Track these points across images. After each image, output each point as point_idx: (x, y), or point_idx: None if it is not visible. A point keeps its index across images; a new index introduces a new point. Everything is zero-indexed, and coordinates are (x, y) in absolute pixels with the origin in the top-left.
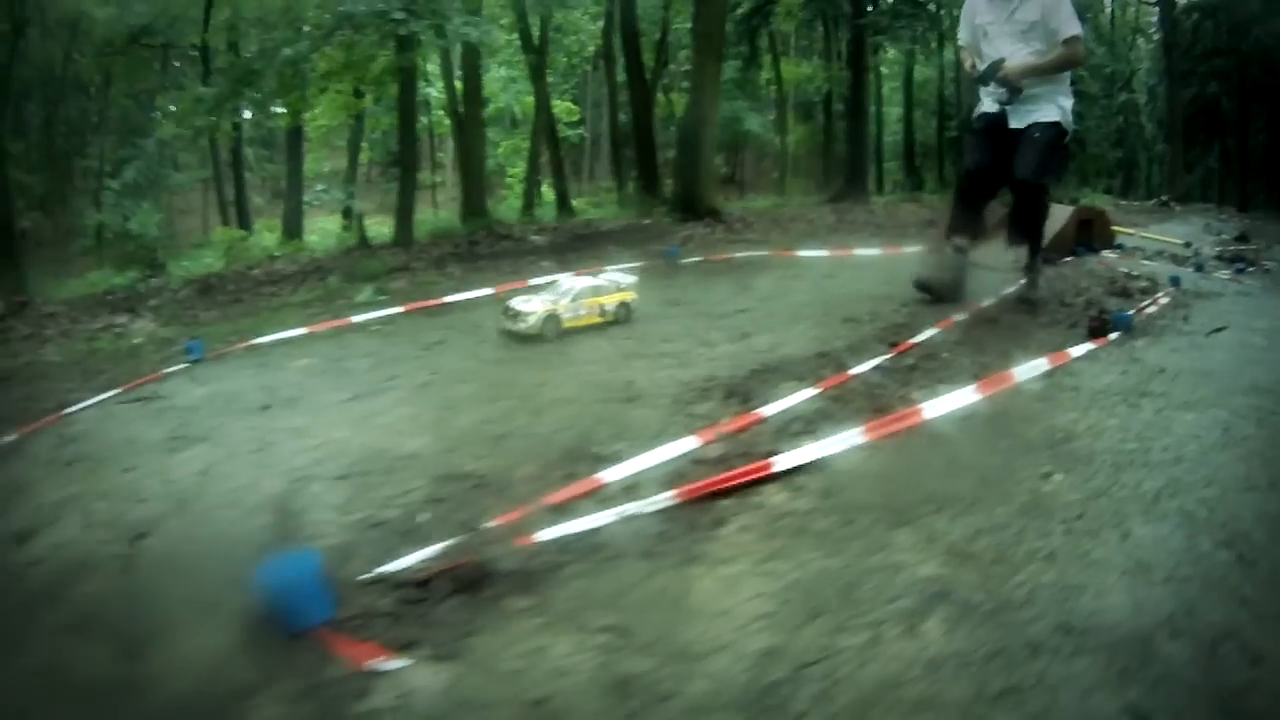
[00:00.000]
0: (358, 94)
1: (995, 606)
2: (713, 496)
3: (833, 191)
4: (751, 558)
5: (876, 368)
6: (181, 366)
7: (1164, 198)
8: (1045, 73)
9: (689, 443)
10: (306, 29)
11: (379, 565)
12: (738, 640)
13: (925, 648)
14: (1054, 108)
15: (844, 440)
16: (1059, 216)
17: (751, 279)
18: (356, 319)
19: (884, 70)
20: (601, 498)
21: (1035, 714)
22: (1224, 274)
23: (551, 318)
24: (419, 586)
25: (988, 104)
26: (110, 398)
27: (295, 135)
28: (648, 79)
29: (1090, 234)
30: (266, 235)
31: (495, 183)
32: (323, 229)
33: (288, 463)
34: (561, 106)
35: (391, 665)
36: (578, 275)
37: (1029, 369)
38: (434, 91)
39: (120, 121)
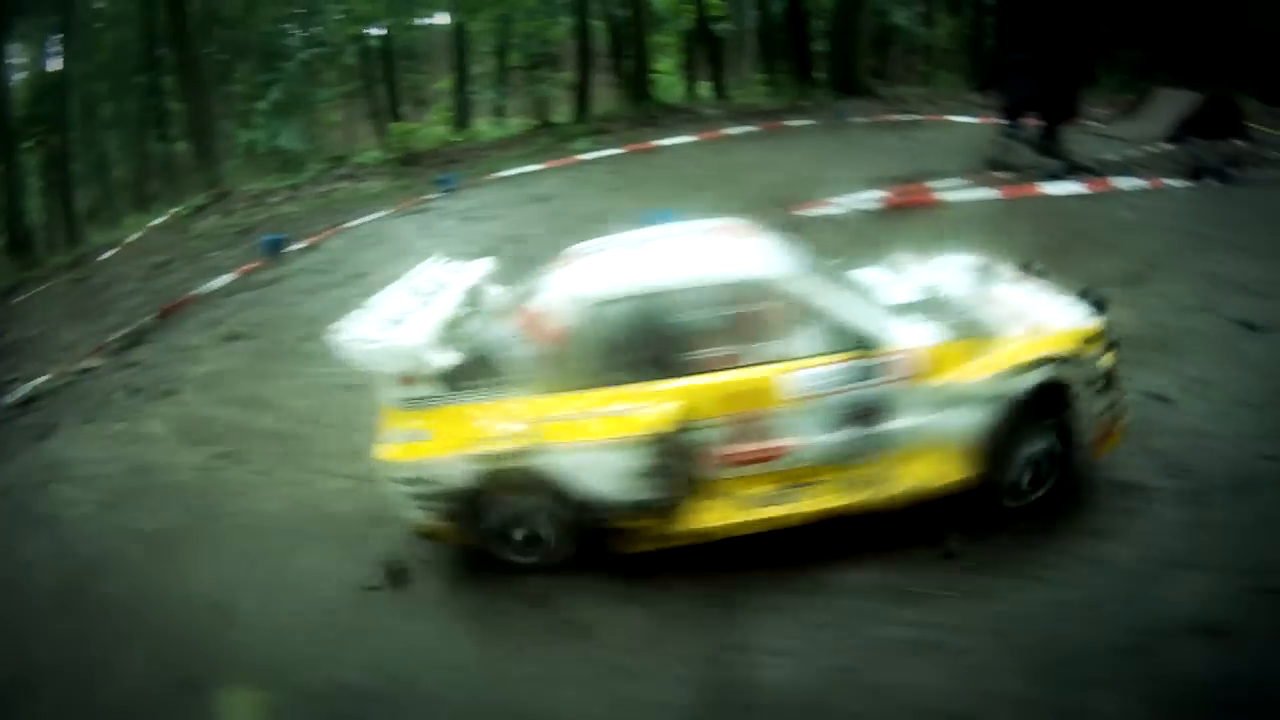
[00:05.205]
0: None
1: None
2: None
3: (982, 81)
4: None
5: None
6: (439, 195)
7: None
8: None
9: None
10: None
11: None
12: None
13: None
14: None
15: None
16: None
17: (911, 131)
18: (583, 157)
19: None
20: None
21: None
22: None
23: None
24: None
25: None
26: (386, 215)
27: (459, 35)
28: None
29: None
30: (438, 129)
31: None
32: (480, 127)
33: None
34: (710, 2)
35: None
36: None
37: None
38: None
39: (262, 47)
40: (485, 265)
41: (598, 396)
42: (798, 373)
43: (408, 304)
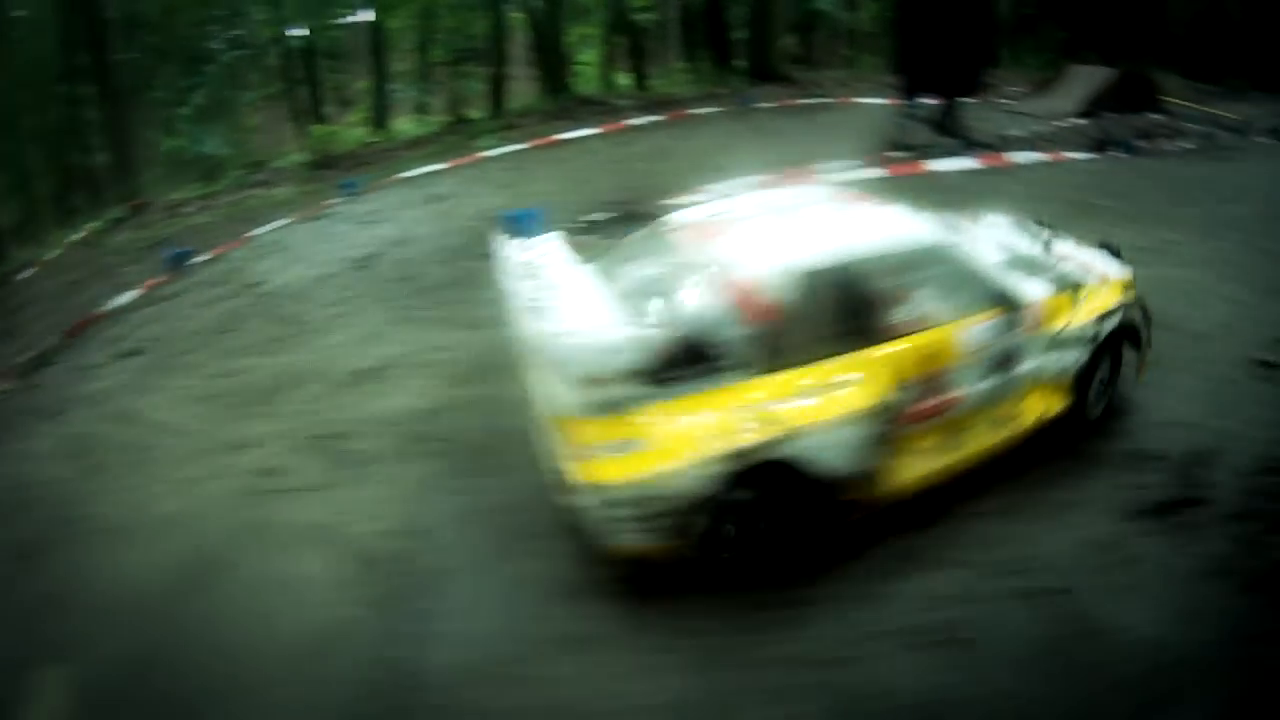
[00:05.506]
0: None
1: None
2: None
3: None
4: None
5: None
6: (342, 200)
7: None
8: None
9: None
10: None
11: None
12: None
13: None
14: None
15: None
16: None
17: (817, 115)
18: (486, 154)
19: None
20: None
21: None
22: (1266, 140)
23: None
24: None
25: None
26: (289, 223)
27: (376, 31)
28: None
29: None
30: (357, 130)
31: (566, 70)
32: (401, 126)
33: (485, 208)
34: None
35: None
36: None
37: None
38: None
39: (184, 51)
40: (554, 241)
41: (818, 370)
42: (967, 330)
43: (541, 293)
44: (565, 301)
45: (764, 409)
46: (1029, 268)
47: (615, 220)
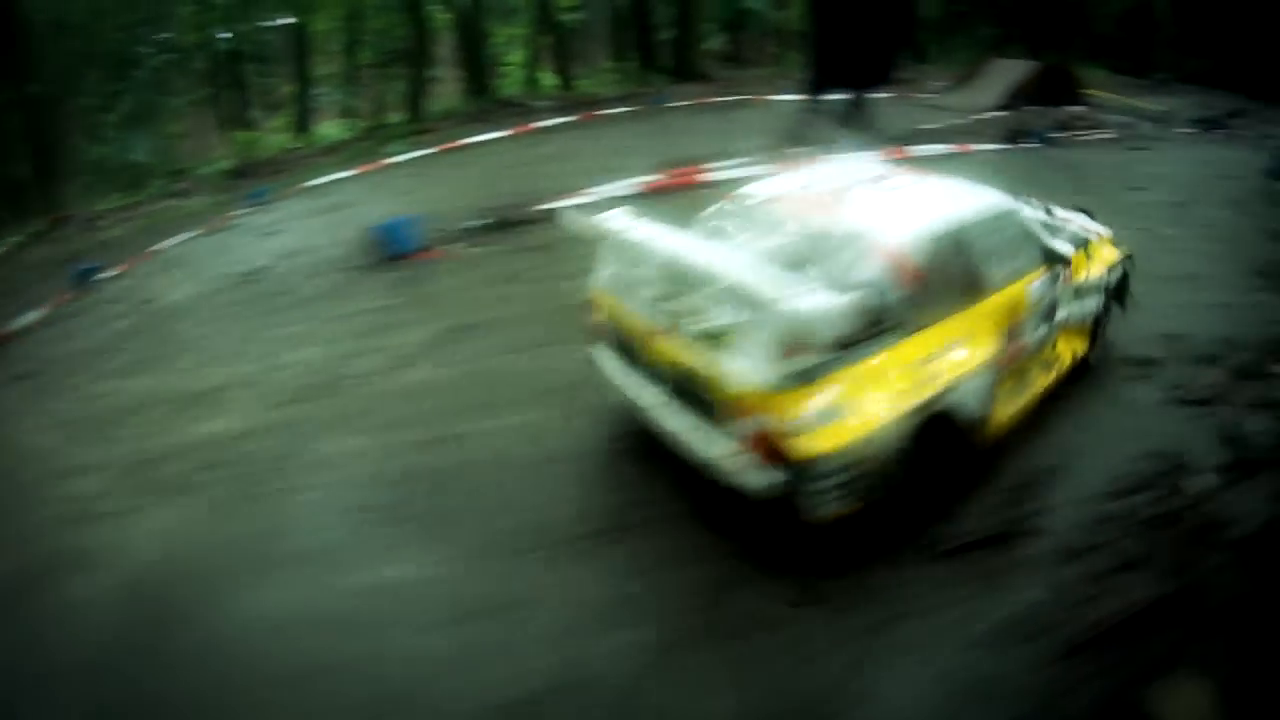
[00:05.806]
0: None
1: None
2: None
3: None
4: None
5: None
6: (249, 210)
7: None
8: None
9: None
10: None
11: None
12: None
13: None
14: None
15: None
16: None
17: (729, 113)
18: (393, 160)
19: None
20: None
21: None
22: (1187, 130)
23: None
24: None
25: None
26: (195, 235)
27: (299, 35)
28: None
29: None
30: (280, 135)
31: (492, 72)
32: (324, 130)
33: (380, 215)
34: None
35: None
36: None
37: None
38: None
39: (111, 56)
40: (623, 216)
41: (951, 326)
42: (1032, 284)
43: (678, 266)
44: (723, 272)
45: (926, 365)
46: (1051, 229)
47: (489, 227)
